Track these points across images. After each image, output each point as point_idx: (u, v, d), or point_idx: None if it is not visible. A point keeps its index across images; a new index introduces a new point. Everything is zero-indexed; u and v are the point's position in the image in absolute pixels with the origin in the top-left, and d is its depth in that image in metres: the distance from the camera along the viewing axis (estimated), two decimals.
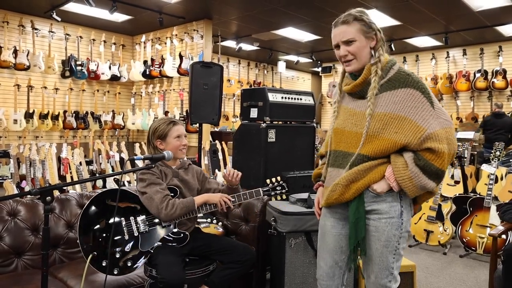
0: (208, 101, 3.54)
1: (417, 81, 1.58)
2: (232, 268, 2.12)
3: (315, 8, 6.33)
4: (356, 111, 1.66)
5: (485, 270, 3.47)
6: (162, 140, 2.17)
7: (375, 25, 1.64)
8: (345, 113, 1.71)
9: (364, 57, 1.62)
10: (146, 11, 6.63)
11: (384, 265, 1.64)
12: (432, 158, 1.54)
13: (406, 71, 1.63)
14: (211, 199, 2.14)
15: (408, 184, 1.55)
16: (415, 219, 4.09)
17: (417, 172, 1.54)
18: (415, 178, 1.54)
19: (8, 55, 6.54)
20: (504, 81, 8.02)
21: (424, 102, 1.56)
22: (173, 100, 7.64)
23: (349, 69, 1.66)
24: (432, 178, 1.56)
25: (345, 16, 1.65)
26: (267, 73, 11.25)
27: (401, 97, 1.57)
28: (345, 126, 1.69)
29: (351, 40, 1.61)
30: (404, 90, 1.57)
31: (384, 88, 1.60)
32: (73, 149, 5.04)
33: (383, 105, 1.58)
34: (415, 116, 1.55)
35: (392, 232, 1.61)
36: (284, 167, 3.09)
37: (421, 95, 1.56)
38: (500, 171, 5.35)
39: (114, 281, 2.05)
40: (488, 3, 6.12)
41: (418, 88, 1.57)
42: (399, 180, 1.56)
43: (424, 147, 1.54)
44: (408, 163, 1.55)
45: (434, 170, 1.55)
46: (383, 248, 1.62)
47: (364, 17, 1.64)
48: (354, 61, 1.63)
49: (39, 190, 1.42)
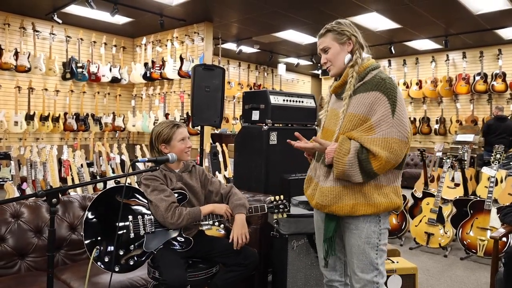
0: (210, 103, 3.55)
1: (388, 87, 1.66)
2: (235, 271, 2.12)
3: (315, 11, 6.36)
4: (336, 111, 1.81)
5: (485, 273, 3.47)
6: (167, 144, 2.16)
7: (349, 31, 1.78)
8: (330, 113, 1.88)
9: (340, 62, 1.78)
10: (147, 13, 6.65)
11: (368, 260, 1.72)
12: (373, 158, 1.62)
13: (382, 76, 1.71)
14: (217, 210, 2.15)
15: (339, 168, 1.65)
16: (415, 221, 4.10)
17: (353, 163, 1.62)
18: (348, 166, 1.63)
19: (9, 57, 6.56)
20: (503, 84, 8.05)
21: (386, 108, 1.63)
22: (173, 102, 7.66)
23: (330, 74, 1.85)
24: (362, 174, 1.64)
25: (322, 30, 1.84)
26: (267, 75, 11.28)
27: (370, 100, 1.67)
28: (328, 124, 1.86)
29: (326, 48, 1.80)
30: (374, 93, 1.67)
31: (359, 90, 1.72)
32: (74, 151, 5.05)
33: (355, 106, 1.71)
34: (373, 119, 1.65)
35: (371, 229, 1.72)
36: (285, 169, 3.09)
37: (386, 101, 1.64)
38: (500, 174, 5.37)
39: (118, 283, 2.05)
40: (488, 6, 6.15)
41: (386, 93, 1.65)
42: (335, 160, 1.66)
43: (367, 146, 1.63)
44: (351, 152, 1.63)
45: (369, 168, 1.63)
46: (365, 245, 1.72)
47: (336, 27, 1.78)
48: (331, 67, 1.81)
49: (45, 192, 1.42)
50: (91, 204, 2.02)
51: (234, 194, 2.23)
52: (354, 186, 1.69)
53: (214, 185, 2.30)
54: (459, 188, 5.35)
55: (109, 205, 2.05)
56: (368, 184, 1.69)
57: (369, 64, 1.74)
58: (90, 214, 2.00)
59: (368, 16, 6.57)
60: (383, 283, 1.76)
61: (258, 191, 3.11)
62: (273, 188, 3.08)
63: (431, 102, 9.30)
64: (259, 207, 2.22)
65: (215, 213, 2.16)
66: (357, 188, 1.69)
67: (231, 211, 2.18)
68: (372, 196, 1.69)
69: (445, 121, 8.94)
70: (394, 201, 1.73)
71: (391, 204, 1.72)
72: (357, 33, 1.79)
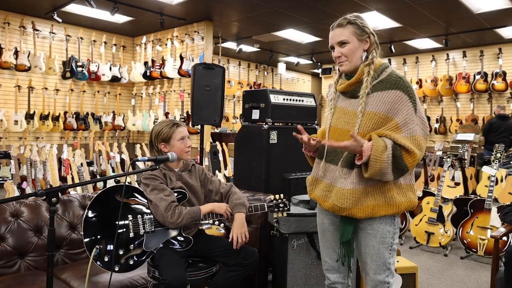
0: (210, 102, 3.54)
1: (407, 85, 1.65)
2: (235, 270, 2.12)
3: (315, 10, 6.35)
4: (348, 110, 1.74)
5: (486, 272, 3.47)
6: (166, 143, 2.16)
7: (369, 29, 1.72)
8: (338, 111, 1.80)
9: (356, 59, 1.71)
10: (147, 12, 6.64)
11: (382, 261, 1.71)
12: (406, 155, 1.59)
13: (398, 74, 1.70)
14: (217, 209, 2.15)
15: (377, 166, 1.56)
16: (416, 220, 4.10)
17: (389, 160, 1.56)
18: (386, 164, 1.56)
19: (9, 56, 6.55)
20: (504, 83, 8.04)
21: (409, 107, 1.63)
22: (173, 101, 7.65)
23: (342, 69, 1.77)
24: (394, 171, 1.59)
25: (340, 19, 1.74)
26: (267, 74, 11.27)
27: (391, 98, 1.64)
28: (338, 124, 1.77)
29: (344, 41, 1.70)
30: (394, 92, 1.64)
31: (376, 88, 1.67)
32: (74, 150, 5.05)
33: (374, 104, 1.66)
34: (398, 118, 1.63)
35: (387, 228, 1.70)
36: (285, 168, 3.09)
37: (408, 100, 1.64)
38: (500, 173, 5.37)
39: (118, 282, 2.05)
40: (488, 5, 6.14)
41: (407, 92, 1.64)
42: (372, 158, 1.56)
43: (401, 143, 1.58)
44: (388, 147, 1.57)
45: (403, 165, 1.59)
46: (380, 245, 1.70)
47: (358, 21, 1.71)
48: (346, 62, 1.72)
49: (45, 191, 1.42)
50: (91, 203, 2.01)
51: (233, 193, 2.23)
52: (375, 187, 1.66)
53: (214, 184, 2.30)
54: (459, 187, 5.35)
55: (109, 204, 2.04)
56: (388, 183, 1.66)
57: (380, 63, 1.72)
58: (90, 213, 2.00)
59: (368, 15, 6.56)
60: (393, 282, 1.76)
61: (258, 190, 3.11)
62: (273, 187, 3.08)
63: (431, 101, 9.29)
64: (259, 206, 2.22)
65: (215, 213, 2.15)
66: (378, 189, 1.66)
67: (231, 210, 2.17)
68: (392, 196, 1.67)
69: (445, 120, 8.93)
70: (413, 200, 1.72)
71: (410, 203, 1.71)
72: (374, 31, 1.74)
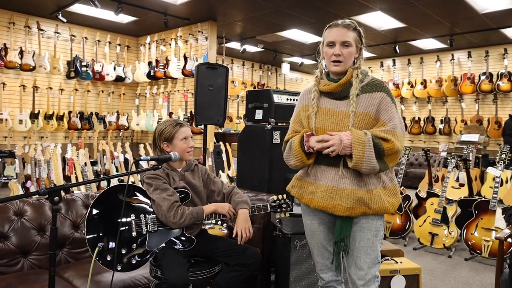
0: (214, 102, 3.54)
1: (388, 88, 1.82)
2: (237, 270, 2.11)
3: (319, 10, 6.33)
4: (336, 111, 1.79)
5: (490, 274, 3.45)
6: (169, 142, 2.16)
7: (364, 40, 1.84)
8: (323, 113, 1.82)
9: (350, 63, 1.79)
10: (151, 12, 6.66)
11: (375, 254, 1.79)
12: (384, 142, 1.70)
13: (378, 78, 1.87)
14: (220, 210, 2.15)
15: (359, 148, 1.66)
16: (419, 222, 4.08)
17: (370, 143, 1.67)
18: (368, 147, 1.66)
19: (14, 56, 6.59)
20: (509, 83, 7.99)
21: (392, 107, 1.77)
22: (177, 101, 7.66)
23: (336, 69, 1.79)
24: (378, 158, 1.69)
25: (347, 21, 1.79)
26: (271, 74, 11.26)
27: (378, 99, 1.76)
28: (324, 125, 1.80)
29: (348, 43, 1.76)
30: (380, 94, 1.77)
31: (364, 90, 1.77)
32: (78, 150, 5.07)
33: (364, 105, 1.76)
34: (384, 117, 1.75)
35: (379, 222, 1.81)
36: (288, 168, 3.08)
37: (390, 101, 1.77)
38: (505, 174, 5.34)
39: (120, 281, 2.05)
40: (494, 5, 6.11)
41: (389, 94, 1.79)
42: (354, 142, 1.67)
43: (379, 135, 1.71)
44: (367, 133, 1.70)
45: (381, 148, 1.68)
46: (373, 238, 1.78)
47: (360, 30, 1.81)
48: (342, 64, 1.77)
49: (48, 190, 1.42)
50: (94, 202, 2.02)
51: (235, 193, 2.24)
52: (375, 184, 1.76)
53: (217, 184, 2.30)
54: (464, 188, 5.32)
55: (112, 203, 2.04)
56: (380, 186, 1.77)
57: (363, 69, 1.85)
58: (93, 211, 2.00)
59: (373, 15, 6.54)
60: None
61: (261, 190, 3.11)
62: (276, 187, 3.07)
63: (436, 101, 9.25)
64: (262, 206, 2.22)
65: (217, 213, 2.15)
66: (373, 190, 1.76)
67: (233, 210, 2.17)
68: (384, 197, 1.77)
69: (450, 120, 8.89)
70: (399, 198, 1.85)
71: (399, 201, 1.84)
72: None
